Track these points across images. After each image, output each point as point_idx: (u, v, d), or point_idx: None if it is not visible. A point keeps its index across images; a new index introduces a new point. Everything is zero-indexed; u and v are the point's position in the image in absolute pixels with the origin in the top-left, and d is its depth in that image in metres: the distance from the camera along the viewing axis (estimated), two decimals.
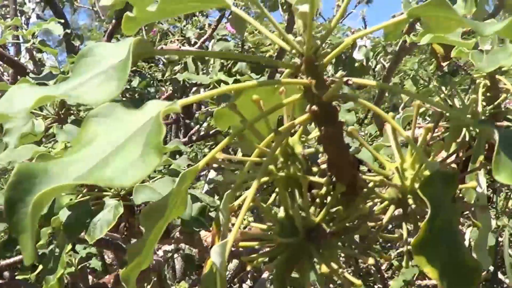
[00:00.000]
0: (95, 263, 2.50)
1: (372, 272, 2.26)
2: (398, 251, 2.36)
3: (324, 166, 0.66)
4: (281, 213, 0.64)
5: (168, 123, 2.84)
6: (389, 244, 2.59)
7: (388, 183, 0.63)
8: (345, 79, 0.57)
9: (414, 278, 2.38)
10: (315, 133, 0.68)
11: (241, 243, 0.65)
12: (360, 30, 2.89)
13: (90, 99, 0.47)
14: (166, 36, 3.10)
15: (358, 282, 0.61)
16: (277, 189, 0.65)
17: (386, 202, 0.66)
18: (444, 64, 1.61)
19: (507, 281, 2.21)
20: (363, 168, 0.68)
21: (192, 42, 2.73)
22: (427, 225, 0.54)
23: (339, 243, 0.65)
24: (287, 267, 0.64)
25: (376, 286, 2.45)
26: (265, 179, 0.64)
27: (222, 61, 2.52)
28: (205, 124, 2.83)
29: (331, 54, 0.57)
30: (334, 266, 0.61)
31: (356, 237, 0.68)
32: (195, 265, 2.67)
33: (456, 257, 0.57)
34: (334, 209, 0.64)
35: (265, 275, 1.96)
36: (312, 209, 0.64)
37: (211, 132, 2.65)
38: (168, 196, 0.58)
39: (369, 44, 2.71)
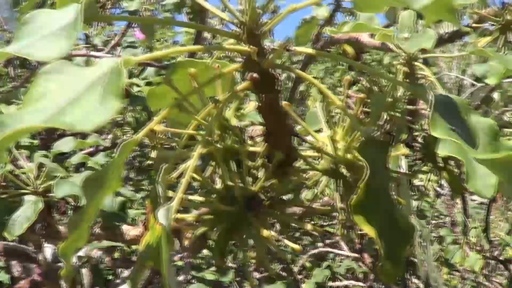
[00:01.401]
0: (2, 276, 2.42)
1: (285, 275, 2.29)
2: (309, 253, 2.40)
3: (259, 139, 0.67)
4: (219, 184, 0.66)
5: None
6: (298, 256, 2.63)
7: (322, 152, 0.65)
8: (285, 46, 0.59)
9: (326, 280, 2.43)
10: (249, 108, 0.70)
11: (179, 215, 0.66)
12: None
13: (42, 55, 0.48)
14: None
15: (297, 247, 0.63)
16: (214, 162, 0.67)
17: (319, 173, 0.68)
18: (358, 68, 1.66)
19: (415, 280, 2.29)
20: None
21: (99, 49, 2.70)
22: (366, 186, 0.57)
23: (277, 212, 0.66)
24: (226, 236, 0.65)
25: None
26: (203, 151, 0.65)
27: (130, 68, 2.51)
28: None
29: (271, 23, 0.59)
30: (274, 234, 0.63)
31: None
32: (104, 278, 2.63)
33: (392, 218, 0.60)
34: (270, 180, 0.66)
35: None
36: (250, 180, 0.66)
37: None
38: (108, 167, 0.59)
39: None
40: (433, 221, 2.79)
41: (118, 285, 2.33)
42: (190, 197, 0.68)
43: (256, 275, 2.11)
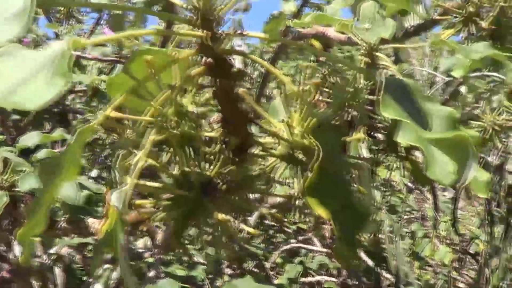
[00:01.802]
0: None
1: (256, 271, 2.30)
2: (282, 249, 2.41)
3: (216, 125, 0.68)
4: (175, 170, 0.66)
5: None
6: (272, 246, 2.64)
7: (278, 137, 0.66)
8: (238, 31, 0.59)
9: (298, 276, 2.44)
10: (206, 96, 0.70)
11: (137, 202, 0.66)
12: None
13: None
14: None
15: (253, 230, 0.63)
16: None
17: (277, 160, 0.69)
18: (322, 59, 1.66)
19: (388, 275, 2.30)
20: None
21: None
22: (318, 168, 0.57)
23: (235, 198, 0.67)
24: (183, 222, 0.65)
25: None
26: (159, 137, 0.65)
27: (99, 65, 2.51)
28: None
29: (224, 7, 0.59)
30: (229, 218, 0.64)
31: None
32: (79, 278, 2.62)
33: (347, 201, 0.61)
34: (227, 166, 0.67)
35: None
36: (207, 166, 0.66)
37: None
38: (64, 153, 0.59)
39: (247, 49, 2.76)
40: (405, 216, 2.81)
41: (90, 284, 2.32)
42: (148, 183, 0.68)
43: (228, 271, 2.12)
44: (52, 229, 1.23)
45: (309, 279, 2.44)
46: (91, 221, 1.16)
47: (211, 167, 0.65)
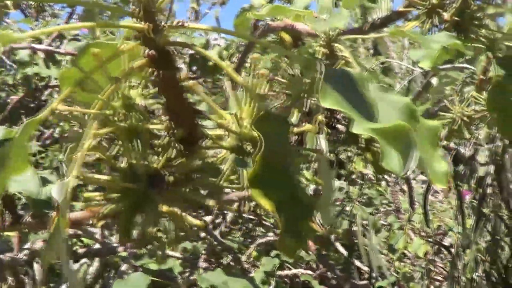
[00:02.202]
0: None
1: (232, 264, 2.29)
2: (257, 242, 2.41)
3: (166, 118, 0.67)
4: (123, 163, 0.66)
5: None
6: (250, 240, 2.63)
7: (226, 129, 0.66)
8: (180, 23, 0.59)
9: (275, 269, 2.43)
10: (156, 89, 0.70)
11: (85, 194, 0.66)
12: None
13: None
14: None
15: (200, 223, 0.63)
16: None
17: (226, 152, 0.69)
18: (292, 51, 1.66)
19: (364, 268, 2.31)
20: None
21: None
22: (261, 159, 0.57)
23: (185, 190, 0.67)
24: (131, 215, 0.65)
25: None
26: (106, 130, 0.65)
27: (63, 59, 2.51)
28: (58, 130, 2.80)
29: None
30: (177, 210, 0.63)
31: None
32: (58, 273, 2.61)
33: (292, 192, 0.60)
34: (175, 159, 0.67)
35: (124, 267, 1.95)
36: (155, 159, 0.66)
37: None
38: (10, 146, 0.58)
39: (224, 43, 2.76)
40: (382, 209, 2.82)
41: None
42: (97, 176, 0.68)
43: (203, 265, 2.12)
44: (17, 224, 1.22)
45: (286, 272, 2.44)
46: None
47: (158, 160, 0.65)
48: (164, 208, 0.61)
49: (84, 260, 2.22)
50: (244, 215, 2.51)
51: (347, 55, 0.99)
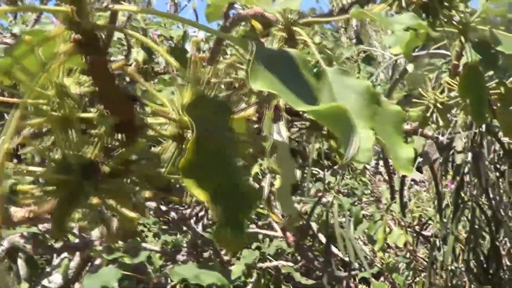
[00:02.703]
0: None
1: (212, 257, 2.27)
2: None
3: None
4: (58, 154, 0.63)
5: None
6: None
7: (165, 116, 0.63)
8: (107, 5, 0.56)
9: (256, 261, 2.41)
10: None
11: (18, 187, 0.63)
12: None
13: None
14: None
15: (134, 215, 0.60)
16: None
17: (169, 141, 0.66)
18: (264, 40, 1.63)
19: (340, 254, 2.28)
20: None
21: None
22: (194, 146, 0.54)
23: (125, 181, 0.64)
24: (65, 207, 0.62)
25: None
26: (38, 120, 0.62)
27: None
28: None
29: None
30: (112, 202, 0.60)
31: None
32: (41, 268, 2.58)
33: (230, 181, 0.57)
34: (115, 149, 0.64)
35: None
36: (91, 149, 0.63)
37: None
38: None
39: (204, 35, 2.72)
40: (365, 200, 2.79)
41: (49, 274, 2.28)
42: (31, 168, 0.65)
43: (181, 258, 2.09)
44: None
45: (267, 264, 2.42)
46: (13, 209, 1.12)
47: (94, 150, 0.62)
48: (95, 200, 0.57)
49: (64, 254, 2.20)
50: None
51: (307, 39, 0.96)
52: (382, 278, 2.50)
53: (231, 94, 0.66)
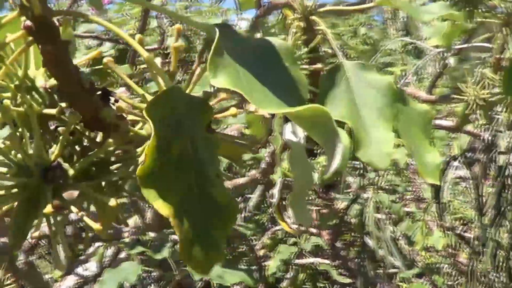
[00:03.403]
0: None
1: (246, 252, 2.20)
2: (272, 230, 2.31)
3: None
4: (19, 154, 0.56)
5: None
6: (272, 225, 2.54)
7: (138, 116, 0.56)
8: None
9: (293, 257, 2.34)
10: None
11: None
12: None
13: None
14: None
15: (97, 226, 0.53)
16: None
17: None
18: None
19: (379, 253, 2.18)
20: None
21: None
22: (153, 151, 0.47)
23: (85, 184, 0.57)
24: (25, 212, 0.55)
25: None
26: None
27: (86, 43, 2.46)
28: None
29: None
30: (74, 208, 0.54)
31: None
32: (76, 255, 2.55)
33: (201, 190, 0.50)
34: (84, 149, 0.57)
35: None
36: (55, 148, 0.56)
37: None
38: None
39: (245, 24, 2.65)
40: (409, 197, 2.67)
41: (84, 262, 2.26)
42: None
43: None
44: None
45: (303, 260, 2.34)
46: None
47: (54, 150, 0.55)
48: (47, 208, 0.51)
49: (99, 243, 2.16)
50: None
51: (325, 29, 0.88)
52: (422, 279, 2.39)
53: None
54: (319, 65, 0.85)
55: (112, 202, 0.53)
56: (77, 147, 0.59)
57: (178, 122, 0.49)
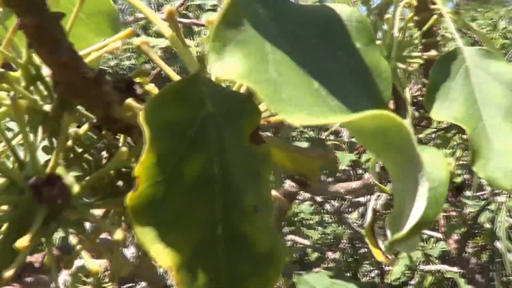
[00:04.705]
0: None
1: (367, 255, 2.04)
2: None
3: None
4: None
5: None
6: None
7: None
8: None
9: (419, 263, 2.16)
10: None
11: None
12: None
13: None
14: None
15: (96, 268, 0.39)
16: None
17: None
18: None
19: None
20: None
21: None
22: (152, 172, 0.32)
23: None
24: (15, 235, 0.42)
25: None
26: None
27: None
28: None
29: None
30: (73, 239, 0.40)
31: None
32: None
33: (228, 231, 0.34)
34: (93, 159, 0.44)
35: None
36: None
37: None
38: None
39: None
40: None
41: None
42: None
43: (331, 255, 1.88)
44: None
45: (429, 267, 2.14)
46: None
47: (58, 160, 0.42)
48: (22, 242, 0.37)
49: None
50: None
51: (441, 7, 0.70)
52: None
53: None
54: (433, 52, 0.68)
55: (119, 235, 0.39)
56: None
57: (201, 128, 0.34)
